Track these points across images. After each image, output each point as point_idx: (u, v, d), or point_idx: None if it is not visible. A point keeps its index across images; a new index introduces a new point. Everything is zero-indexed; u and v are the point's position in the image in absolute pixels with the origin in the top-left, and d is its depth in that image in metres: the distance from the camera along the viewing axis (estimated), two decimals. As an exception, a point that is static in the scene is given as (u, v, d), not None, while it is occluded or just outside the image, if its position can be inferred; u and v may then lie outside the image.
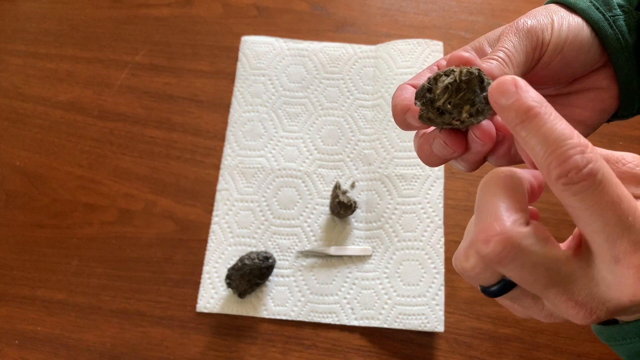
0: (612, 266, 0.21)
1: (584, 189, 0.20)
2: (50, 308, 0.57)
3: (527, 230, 0.22)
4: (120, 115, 0.66)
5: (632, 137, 0.62)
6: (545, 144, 0.21)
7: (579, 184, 0.20)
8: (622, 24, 0.32)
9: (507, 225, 0.22)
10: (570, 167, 0.20)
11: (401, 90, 0.30)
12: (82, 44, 0.70)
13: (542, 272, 0.22)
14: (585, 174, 0.20)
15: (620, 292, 0.21)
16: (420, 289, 0.55)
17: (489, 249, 0.22)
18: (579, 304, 0.22)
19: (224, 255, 0.58)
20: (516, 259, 0.22)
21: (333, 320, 0.55)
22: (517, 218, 0.22)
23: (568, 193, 0.20)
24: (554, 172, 0.20)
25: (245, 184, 0.61)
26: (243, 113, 0.65)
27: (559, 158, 0.20)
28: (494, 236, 0.22)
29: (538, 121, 0.21)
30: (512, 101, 0.21)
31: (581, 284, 0.22)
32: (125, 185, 0.62)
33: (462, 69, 0.25)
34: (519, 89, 0.21)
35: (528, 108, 0.21)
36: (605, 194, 0.20)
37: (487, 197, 0.23)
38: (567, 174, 0.20)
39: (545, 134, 0.21)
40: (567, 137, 0.20)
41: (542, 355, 0.53)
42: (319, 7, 0.71)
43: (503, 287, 0.24)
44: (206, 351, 0.54)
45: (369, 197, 0.60)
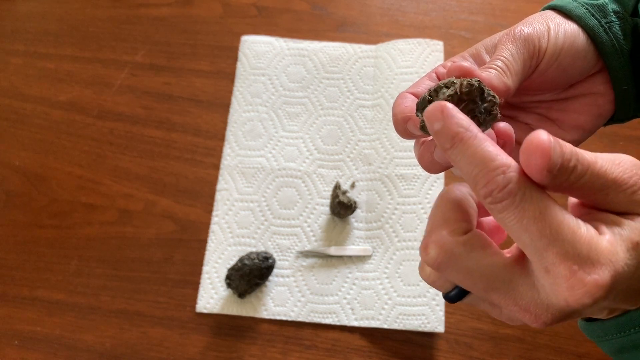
0: (544, 275, 0.22)
1: (507, 206, 0.21)
2: (50, 308, 0.56)
3: (462, 239, 0.24)
4: (119, 115, 0.65)
5: (632, 137, 0.62)
6: (471, 166, 0.22)
7: (502, 202, 0.22)
8: (617, 30, 0.33)
9: (442, 234, 0.24)
10: (492, 187, 0.22)
11: (401, 99, 0.31)
12: (81, 44, 0.70)
13: (477, 277, 0.24)
14: (506, 192, 0.21)
15: (557, 299, 0.22)
16: (420, 289, 0.55)
17: (427, 256, 0.24)
18: (523, 309, 0.23)
19: (223, 255, 0.58)
20: (450, 265, 0.24)
21: (333, 320, 0.55)
22: (454, 228, 0.24)
23: (495, 211, 0.22)
24: (480, 192, 0.22)
25: (245, 184, 0.61)
26: (243, 113, 0.65)
27: (483, 179, 0.22)
28: (429, 244, 0.24)
29: (462, 145, 0.22)
30: (440, 127, 0.23)
31: (523, 290, 0.23)
32: (124, 185, 0.62)
33: (462, 81, 0.26)
34: (445, 115, 0.23)
35: (453, 134, 0.22)
36: (527, 210, 0.21)
37: (434, 210, 0.26)
38: (491, 194, 0.22)
39: (470, 157, 0.22)
40: (490, 159, 0.22)
41: (542, 356, 0.53)
42: (319, 6, 0.71)
43: (459, 293, 0.26)
44: (206, 351, 0.54)
45: (369, 197, 0.60)
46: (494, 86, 0.28)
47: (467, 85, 0.25)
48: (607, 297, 0.21)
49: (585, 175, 0.22)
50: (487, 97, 0.26)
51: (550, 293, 0.22)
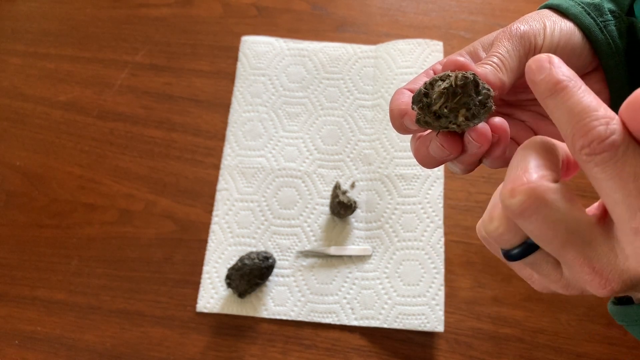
0: (631, 238, 0.21)
1: (606, 159, 0.20)
2: (50, 308, 0.57)
3: (553, 186, 0.22)
4: (120, 115, 0.66)
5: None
6: (571, 115, 0.21)
7: (601, 154, 0.20)
8: (612, 29, 0.33)
9: (535, 177, 0.22)
10: (593, 138, 0.20)
11: (398, 94, 0.31)
12: (82, 44, 0.70)
13: (562, 230, 0.22)
14: (608, 144, 0.20)
15: (637, 264, 0.21)
16: (420, 289, 0.55)
17: (514, 199, 0.22)
18: (595, 271, 0.22)
19: (224, 255, 0.58)
20: (538, 211, 0.22)
21: (333, 320, 0.55)
22: (546, 174, 0.22)
23: (591, 164, 0.21)
24: (577, 143, 0.21)
25: (245, 184, 0.61)
26: (243, 113, 0.65)
27: (583, 129, 0.21)
28: (520, 186, 0.22)
29: (565, 94, 0.21)
30: (544, 75, 0.22)
31: (600, 252, 0.22)
32: (125, 185, 0.62)
33: (457, 74, 0.26)
34: (552, 64, 0.22)
35: (557, 81, 0.22)
36: (628, 166, 0.20)
37: (520, 155, 0.24)
38: (590, 145, 0.20)
39: (571, 106, 0.21)
40: (592, 109, 0.21)
41: (542, 355, 0.53)
42: (319, 7, 0.71)
43: (525, 250, 0.24)
44: (206, 351, 0.54)
45: (369, 197, 0.60)
46: (489, 81, 0.28)
47: (462, 78, 0.26)
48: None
49: None
50: (481, 89, 0.26)
51: (630, 257, 0.21)
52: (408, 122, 0.30)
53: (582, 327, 0.54)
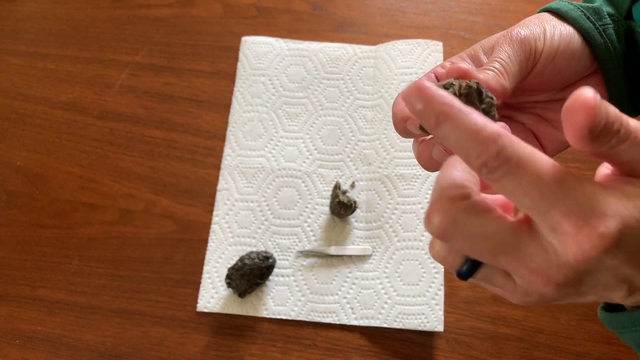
0: (551, 235, 0.22)
1: (504, 174, 0.21)
2: (51, 308, 0.57)
3: (462, 204, 0.23)
4: (120, 115, 0.66)
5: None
6: (462, 139, 0.22)
7: (498, 170, 0.21)
8: (611, 33, 0.34)
9: (443, 202, 0.23)
10: (486, 157, 0.21)
11: (399, 99, 0.31)
12: (82, 44, 0.70)
13: (484, 241, 0.23)
14: (501, 160, 0.21)
15: (566, 256, 0.21)
16: (420, 288, 0.55)
17: (431, 225, 0.23)
18: (535, 271, 0.23)
19: (224, 255, 0.58)
20: (455, 231, 0.23)
21: (333, 319, 0.55)
22: (455, 195, 0.23)
23: (493, 180, 0.22)
24: (475, 164, 0.22)
25: (246, 184, 0.61)
26: (243, 113, 0.65)
27: (476, 150, 0.21)
28: (432, 213, 0.23)
29: (449, 121, 0.22)
30: (423, 106, 0.22)
31: (532, 252, 0.23)
32: (125, 185, 0.62)
33: (461, 83, 0.26)
34: (425, 95, 0.22)
35: (438, 112, 0.22)
36: (525, 175, 0.21)
37: (434, 186, 0.25)
38: (486, 164, 0.21)
39: (459, 131, 0.22)
40: (480, 129, 0.21)
41: (541, 355, 0.53)
42: (319, 7, 0.71)
43: (470, 266, 0.25)
44: (206, 351, 0.54)
45: (369, 197, 0.60)
46: (491, 87, 0.29)
47: (466, 87, 0.26)
48: (617, 253, 0.20)
49: (627, 141, 0.21)
50: (485, 98, 0.27)
51: (559, 251, 0.22)
52: (411, 127, 0.30)
53: (582, 327, 0.54)
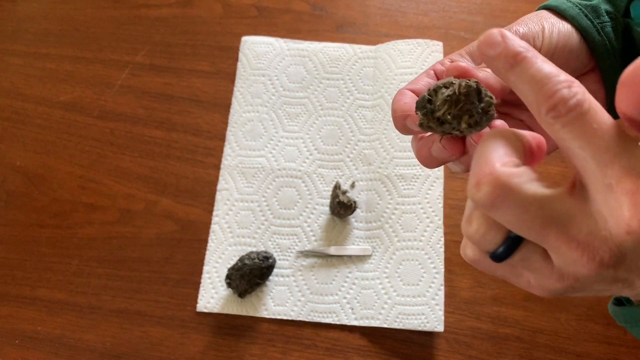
0: (606, 196, 0.21)
1: (572, 119, 0.21)
2: (51, 308, 0.57)
3: (516, 170, 0.22)
4: (120, 116, 0.66)
5: (632, 137, 0.62)
6: (534, 83, 0.22)
7: (567, 115, 0.21)
8: (609, 31, 0.34)
9: (496, 166, 0.22)
10: (557, 101, 0.21)
11: (400, 95, 0.31)
12: (82, 44, 0.70)
13: (535, 211, 0.22)
14: (572, 104, 0.21)
15: (617, 225, 0.20)
16: (420, 288, 0.55)
17: (480, 192, 0.22)
18: (581, 245, 0.21)
19: (224, 255, 0.58)
20: (507, 197, 0.22)
21: (333, 320, 0.55)
22: (507, 161, 0.22)
23: (558, 126, 0.21)
24: (543, 108, 0.21)
25: (246, 184, 0.61)
26: (243, 113, 0.65)
27: (547, 93, 0.21)
28: (483, 177, 0.22)
29: (525, 64, 0.22)
30: (501, 50, 0.23)
31: (579, 221, 0.21)
32: (125, 185, 0.62)
33: (460, 82, 0.26)
34: (505, 38, 0.23)
35: (515, 53, 0.22)
36: (593, 122, 0.21)
37: (480, 149, 0.24)
38: (555, 107, 0.21)
39: (533, 74, 0.22)
40: (554, 75, 0.21)
41: (541, 355, 0.53)
42: (318, 7, 0.71)
43: (510, 245, 0.24)
44: (206, 351, 0.54)
45: (369, 197, 0.60)
46: (490, 85, 0.28)
47: (465, 87, 0.26)
48: (617, 268, 0.20)
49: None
50: (484, 97, 0.26)
51: (608, 218, 0.21)
52: (411, 124, 0.30)
53: (582, 327, 0.54)
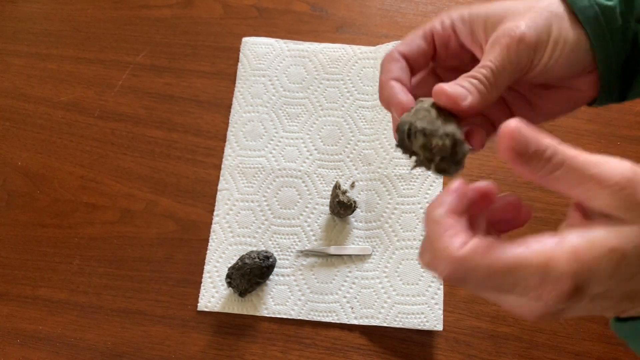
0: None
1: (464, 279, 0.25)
2: (52, 307, 0.57)
3: (468, 251, 0.24)
4: (121, 116, 0.66)
5: (631, 137, 0.63)
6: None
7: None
8: (619, 39, 0.32)
9: (451, 250, 0.24)
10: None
11: (389, 63, 0.31)
12: (83, 45, 0.70)
13: (489, 284, 0.24)
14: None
15: (530, 315, 0.25)
16: (419, 288, 0.56)
17: (441, 271, 0.24)
18: (534, 297, 0.24)
19: (224, 254, 0.58)
20: (464, 279, 0.24)
21: (333, 319, 0.55)
22: (459, 242, 0.24)
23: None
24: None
25: (246, 183, 0.61)
26: (244, 113, 0.65)
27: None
28: (438, 262, 0.24)
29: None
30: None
31: (528, 276, 0.24)
32: (126, 185, 0.62)
33: (438, 142, 0.27)
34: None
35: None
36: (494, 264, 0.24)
37: (431, 228, 0.25)
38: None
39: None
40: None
41: (540, 354, 0.54)
42: (318, 8, 0.72)
43: None
44: (207, 350, 0.55)
45: (368, 197, 0.60)
46: (461, 109, 0.28)
47: (442, 146, 0.27)
48: (577, 302, 0.23)
49: (562, 167, 0.23)
50: (459, 151, 0.27)
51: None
52: (394, 113, 0.31)
53: (581, 326, 0.54)
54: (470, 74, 0.29)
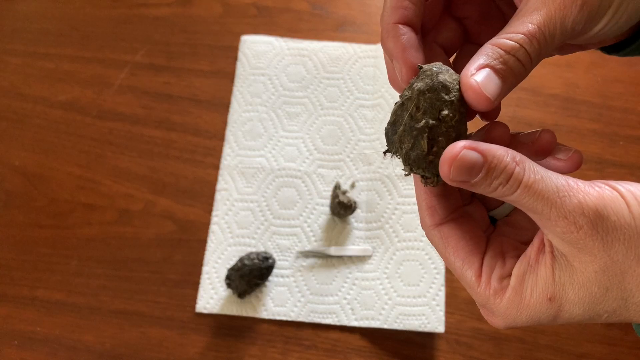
0: None
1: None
2: (50, 308, 0.56)
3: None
4: (119, 115, 0.65)
5: (634, 137, 0.62)
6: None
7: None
8: None
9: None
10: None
11: (394, 40, 0.26)
12: (81, 44, 0.70)
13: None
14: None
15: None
16: (420, 289, 0.55)
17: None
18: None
19: (223, 255, 0.58)
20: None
21: (333, 320, 0.55)
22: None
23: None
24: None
25: (245, 184, 0.61)
26: (243, 113, 0.65)
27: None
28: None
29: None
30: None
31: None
32: (124, 185, 0.62)
33: (425, 175, 0.24)
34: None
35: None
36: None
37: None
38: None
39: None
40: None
41: (542, 356, 0.53)
42: (318, 6, 0.71)
43: None
44: (206, 352, 0.54)
45: (369, 197, 0.60)
46: (478, 104, 0.23)
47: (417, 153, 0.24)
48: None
49: (515, 192, 0.21)
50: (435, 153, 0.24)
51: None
52: (397, 69, 0.26)
53: (583, 328, 0.54)
54: (504, 44, 0.22)
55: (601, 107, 0.64)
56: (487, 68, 0.22)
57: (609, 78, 0.65)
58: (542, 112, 0.64)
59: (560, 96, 0.64)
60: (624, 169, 0.60)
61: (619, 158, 0.61)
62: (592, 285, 0.21)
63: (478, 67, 0.22)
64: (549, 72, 0.65)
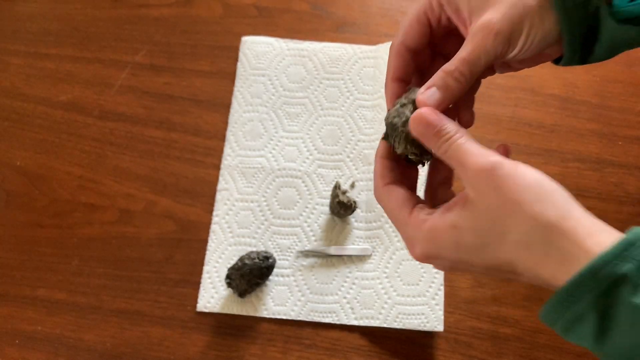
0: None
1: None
2: (51, 308, 0.57)
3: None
4: (120, 115, 0.66)
5: (632, 137, 0.62)
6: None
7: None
8: (584, 21, 0.33)
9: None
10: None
11: (394, 58, 0.37)
12: (82, 44, 0.70)
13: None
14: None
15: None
16: (419, 288, 0.55)
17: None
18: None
19: (224, 255, 0.58)
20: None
21: (333, 319, 0.55)
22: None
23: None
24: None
25: (245, 184, 0.61)
26: (243, 113, 0.65)
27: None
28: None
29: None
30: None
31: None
32: (125, 185, 0.62)
33: (408, 150, 0.34)
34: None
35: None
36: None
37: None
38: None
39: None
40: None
41: (541, 355, 0.53)
42: (319, 7, 0.71)
43: None
44: (206, 351, 0.54)
45: (368, 197, 0.60)
46: (424, 106, 0.32)
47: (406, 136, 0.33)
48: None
49: (450, 148, 0.30)
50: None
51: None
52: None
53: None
54: (446, 69, 0.32)
55: (600, 107, 0.64)
56: (433, 87, 0.33)
57: (607, 78, 0.66)
58: (541, 112, 0.64)
59: (559, 96, 0.65)
60: (623, 168, 0.61)
61: (617, 158, 0.61)
62: (482, 217, 0.29)
63: (427, 87, 0.33)
64: (548, 72, 0.66)
